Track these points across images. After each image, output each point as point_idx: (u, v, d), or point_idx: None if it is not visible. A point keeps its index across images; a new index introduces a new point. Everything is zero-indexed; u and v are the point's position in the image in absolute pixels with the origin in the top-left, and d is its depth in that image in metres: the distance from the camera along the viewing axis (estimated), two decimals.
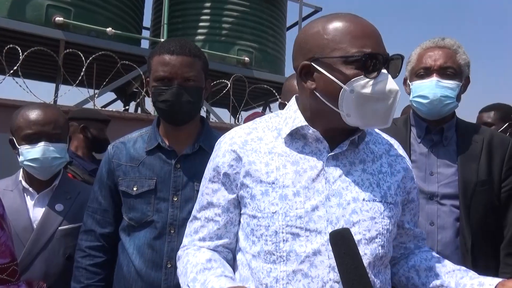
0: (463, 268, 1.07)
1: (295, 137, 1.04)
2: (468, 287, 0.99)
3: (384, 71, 0.94)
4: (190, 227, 1.13)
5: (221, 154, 1.06)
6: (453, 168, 1.57)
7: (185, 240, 1.13)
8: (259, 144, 1.04)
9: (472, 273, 1.04)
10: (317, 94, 0.98)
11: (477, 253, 1.50)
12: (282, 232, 0.95)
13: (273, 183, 0.98)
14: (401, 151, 1.14)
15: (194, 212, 1.13)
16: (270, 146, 1.03)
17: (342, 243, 0.83)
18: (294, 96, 1.12)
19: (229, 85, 5.94)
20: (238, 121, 6.83)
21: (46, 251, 1.59)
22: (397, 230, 1.10)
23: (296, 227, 0.95)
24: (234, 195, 1.04)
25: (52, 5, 5.46)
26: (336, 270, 0.92)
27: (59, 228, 1.63)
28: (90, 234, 1.53)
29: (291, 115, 1.06)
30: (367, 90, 0.92)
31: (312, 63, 0.98)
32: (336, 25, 0.96)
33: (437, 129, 1.63)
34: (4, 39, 5.30)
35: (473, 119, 2.89)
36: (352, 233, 0.85)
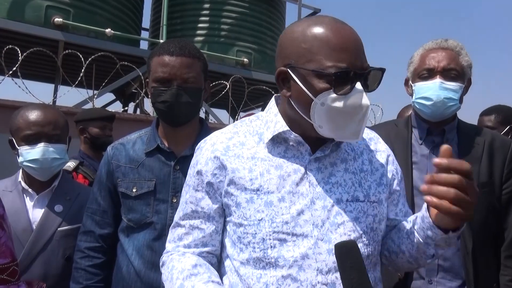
0: (418, 214, 1.05)
1: (276, 141, 1.03)
2: (417, 224, 1.02)
3: (358, 86, 0.91)
4: (173, 233, 1.10)
5: (204, 161, 1.04)
6: None
7: (169, 246, 1.11)
8: (241, 150, 1.03)
9: (418, 214, 1.05)
10: (292, 102, 0.99)
11: (478, 255, 1.49)
12: (270, 239, 0.95)
13: (258, 190, 0.98)
14: (380, 145, 1.13)
15: (176, 219, 1.11)
16: (253, 151, 1.03)
17: (348, 255, 0.82)
18: (273, 97, 1.11)
19: (228, 86, 5.94)
20: None
21: (45, 252, 1.59)
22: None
23: (283, 233, 0.95)
24: (219, 204, 1.04)
25: (51, 6, 5.47)
26: (324, 272, 0.93)
27: (59, 229, 1.62)
28: (89, 235, 1.53)
29: (272, 119, 1.05)
30: (338, 104, 0.91)
31: (288, 70, 0.97)
32: (315, 32, 0.93)
33: (438, 131, 1.62)
34: (3, 39, 5.30)
35: (470, 120, 2.88)
36: (355, 243, 0.84)
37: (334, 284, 0.93)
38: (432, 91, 1.55)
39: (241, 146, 1.04)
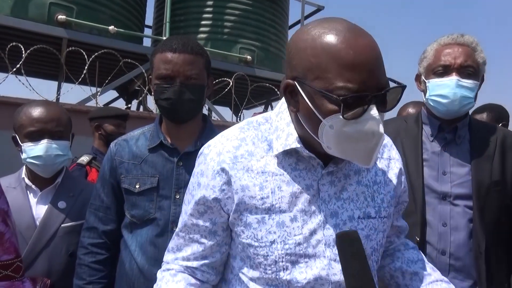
0: (446, 279, 1.06)
1: (287, 151, 0.95)
2: None
3: (372, 111, 0.81)
4: (172, 242, 1.06)
5: (210, 174, 0.96)
6: (467, 168, 1.52)
7: (167, 256, 1.06)
8: (250, 162, 0.95)
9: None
10: (300, 118, 0.91)
11: (491, 255, 1.46)
12: (282, 261, 0.92)
13: (269, 209, 0.92)
14: (394, 152, 1.09)
15: (177, 229, 1.06)
16: (262, 164, 0.95)
17: (349, 245, 0.81)
18: (284, 99, 1.00)
19: (231, 83, 5.94)
20: (240, 119, 6.84)
21: (49, 248, 1.59)
22: None
23: (296, 255, 0.91)
24: (223, 219, 0.98)
25: (55, 3, 5.47)
26: None
27: (62, 225, 1.63)
28: (92, 231, 1.53)
29: (283, 128, 0.96)
30: (347, 129, 0.82)
31: (296, 83, 0.88)
32: (325, 45, 0.82)
33: (450, 128, 1.58)
34: (7, 37, 5.31)
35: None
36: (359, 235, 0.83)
37: None
38: (449, 88, 1.50)
39: (249, 157, 0.96)
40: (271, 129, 1.00)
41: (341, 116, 0.81)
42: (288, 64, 0.92)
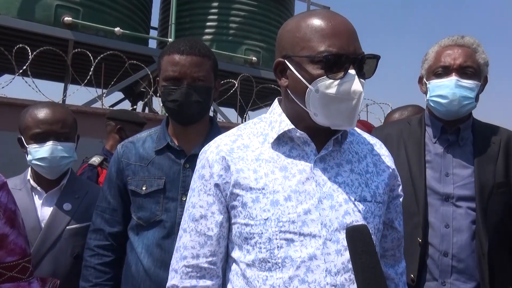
0: None
1: (282, 141, 1.03)
2: None
3: (351, 71, 0.93)
4: (179, 242, 1.07)
5: (210, 164, 1.03)
6: (470, 170, 1.53)
7: (175, 256, 1.07)
8: (245, 152, 1.02)
9: None
10: (289, 92, 1.00)
11: (494, 257, 1.46)
12: (276, 239, 0.94)
13: (263, 188, 0.97)
14: (383, 150, 1.13)
15: (183, 225, 1.07)
16: (257, 153, 1.02)
17: (360, 239, 0.81)
18: (276, 99, 1.11)
19: (236, 85, 5.93)
20: (245, 120, 6.83)
21: (54, 250, 1.59)
22: (384, 228, 1.11)
23: (290, 232, 0.93)
24: (225, 209, 1.02)
25: (61, 5, 5.50)
26: (333, 273, 0.91)
27: (67, 227, 1.62)
28: (98, 233, 1.53)
29: (276, 119, 1.05)
30: (331, 90, 0.92)
31: (285, 61, 1.00)
32: (308, 22, 0.96)
33: (453, 129, 1.59)
34: (14, 38, 5.34)
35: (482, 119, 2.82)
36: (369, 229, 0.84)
37: (343, 285, 0.91)
38: (448, 89, 1.52)
39: (245, 148, 1.03)
40: (266, 125, 1.07)
41: (326, 79, 0.92)
42: (277, 49, 1.04)
